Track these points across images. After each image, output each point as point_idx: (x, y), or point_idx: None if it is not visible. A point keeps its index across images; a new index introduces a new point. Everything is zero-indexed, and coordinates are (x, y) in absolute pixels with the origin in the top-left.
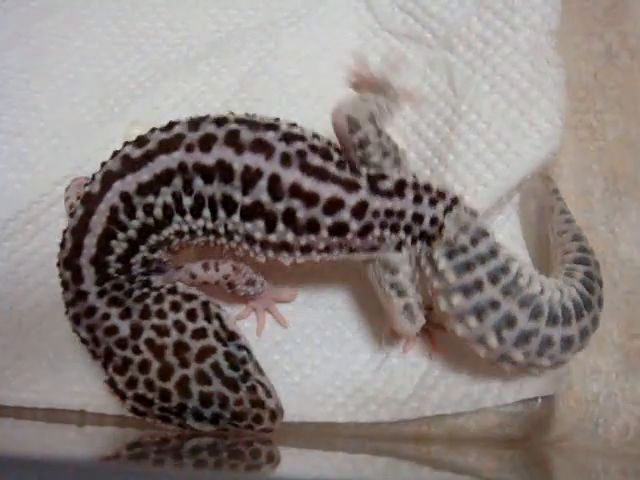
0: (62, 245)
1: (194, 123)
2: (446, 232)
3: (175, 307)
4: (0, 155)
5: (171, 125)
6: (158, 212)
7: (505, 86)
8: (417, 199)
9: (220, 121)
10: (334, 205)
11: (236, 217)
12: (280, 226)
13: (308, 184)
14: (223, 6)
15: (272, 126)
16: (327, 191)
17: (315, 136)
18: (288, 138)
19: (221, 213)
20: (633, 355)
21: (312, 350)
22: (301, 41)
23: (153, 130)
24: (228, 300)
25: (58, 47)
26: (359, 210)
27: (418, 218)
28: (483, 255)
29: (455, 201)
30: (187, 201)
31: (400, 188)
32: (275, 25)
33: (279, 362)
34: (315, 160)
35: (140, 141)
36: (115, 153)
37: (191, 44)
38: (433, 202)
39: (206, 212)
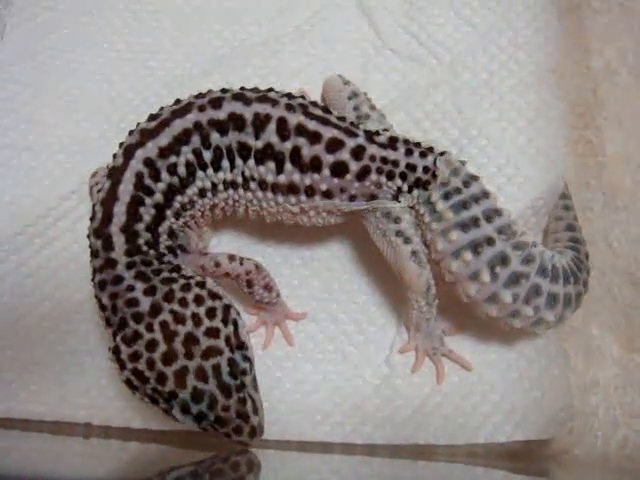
0: (92, 218)
1: (200, 95)
2: (440, 173)
3: (198, 300)
4: (7, 169)
5: (178, 100)
6: (182, 170)
7: (513, 114)
8: (408, 152)
9: (224, 90)
10: (335, 144)
11: (251, 161)
12: (288, 165)
13: (312, 125)
14: (227, 23)
15: (272, 90)
16: (329, 132)
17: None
18: (290, 96)
19: (238, 161)
20: (632, 369)
21: (314, 366)
22: (305, 58)
23: (162, 107)
24: (243, 307)
25: (64, 63)
26: (358, 152)
27: (411, 167)
28: (476, 195)
29: (443, 153)
30: (207, 155)
31: (393, 142)
32: (279, 42)
33: (281, 379)
34: (316, 111)
35: (153, 116)
36: (131, 131)
37: (195, 61)
38: (423, 155)
39: (225, 162)
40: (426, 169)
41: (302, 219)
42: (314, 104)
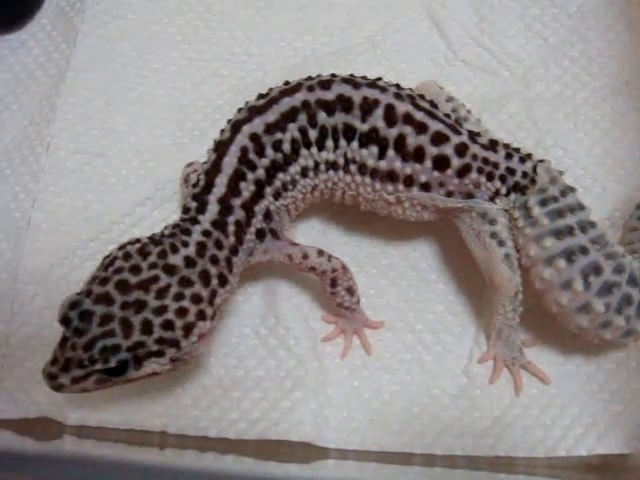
0: (195, 185)
1: (309, 78)
2: (539, 179)
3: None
4: (80, 175)
5: (287, 82)
6: (286, 147)
7: (588, 125)
8: (508, 156)
9: (333, 74)
10: (441, 137)
11: (355, 143)
12: (390, 152)
13: (419, 116)
14: (299, 32)
15: (381, 79)
16: (435, 125)
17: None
18: (398, 87)
19: (342, 142)
20: None
21: (392, 376)
22: (378, 68)
23: (272, 88)
24: (321, 315)
25: (136, 70)
26: (461, 149)
27: (511, 171)
28: (572, 206)
29: (542, 161)
30: (312, 133)
31: (493, 145)
32: (351, 51)
33: (359, 388)
34: (424, 103)
35: (262, 95)
36: (240, 109)
37: (267, 69)
38: (522, 160)
39: (329, 142)
40: (525, 174)
41: (396, 210)
42: (421, 97)
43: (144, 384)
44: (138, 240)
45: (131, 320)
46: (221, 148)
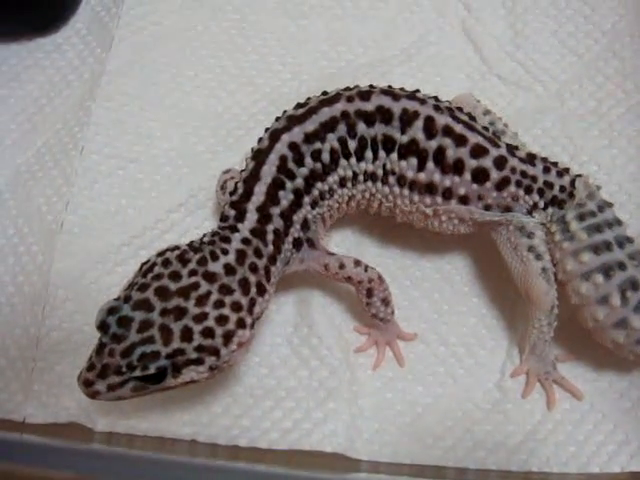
0: (232, 193)
1: (348, 88)
2: (577, 193)
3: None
4: (113, 179)
5: (325, 92)
6: (325, 157)
7: (623, 141)
8: (546, 169)
9: (372, 86)
10: (480, 150)
11: (394, 155)
12: (430, 164)
13: (459, 128)
14: (333, 43)
15: (419, 91)
16: (474, 138)
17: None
18: (436, 99)
19: (381, 153)
20: None
21: (424, 388)
22: (413, 80)
23: (309, 97)
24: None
25: (170, 76)
26: (500, 161)
27: (549, 185)
28: (610, 221)
29: (580, 175)
30: (352, 144)
31: (531, 158)
32: (386, 63)
33: (391, 400)
34: (462, 116)
35: (300, 104)
36: (277, 118)
37: (302, 79)
38: (560, 174)
39: (368, 153)
40: (562, 188)
41: (433, 223)
42: (460, 109)
43: (175, 391)
44: (177, 247)
45: (171, 327)
46: (260, 156)
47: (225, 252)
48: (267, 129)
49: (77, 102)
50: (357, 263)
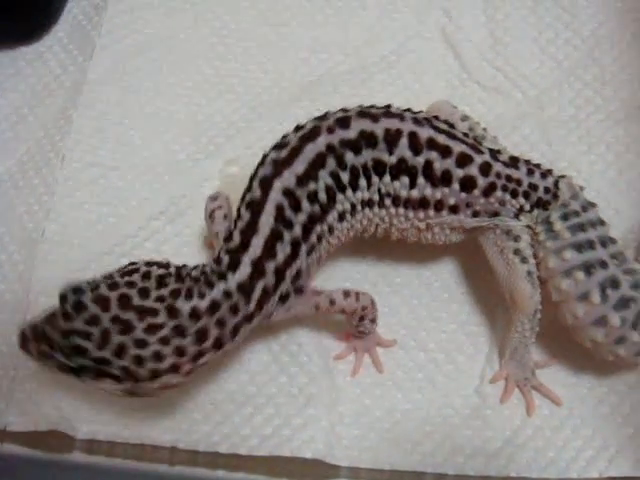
0: (226, 239)
1: (319, 117)
2: (561, 194)
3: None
4: (95, 188)
5: (298, 126)
6: (322, 196)
7: (602, 148)
8: (530, 172)
9: (344, 109)
10: (465, 159)
11: (387, 177)
12: (420, 180)
13: (442, 139)
14: (314, 50)
15: (391, 106)
16: (458, 147)
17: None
18: (410, 111)
19: (374, 178)
20: None
21: (403, 394)
22: (392, 88)
23: (285, 135)
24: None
25: (152, 84)
26: (485, 168)
27: (533, 187)
28: (593, 221)
29: (563, 176)
30: (344, 176)
31: (514, 161)
32: (366, 70)
33: (371, 406)
34: (442, 125)
35: (280, 145)
36: (263, 157)
37: (283, 86)
38: (544, 175)
39: (362, 181)
40: (547, 190)
41: (426, 236)
42: (436, 118)
43: (153, 398)
44: (167, 265)
45: (112, 336)
46: (255, 207)
47: (201, 296)
48: (252, 177)
49: (59, 110)
50: (347, 294)
